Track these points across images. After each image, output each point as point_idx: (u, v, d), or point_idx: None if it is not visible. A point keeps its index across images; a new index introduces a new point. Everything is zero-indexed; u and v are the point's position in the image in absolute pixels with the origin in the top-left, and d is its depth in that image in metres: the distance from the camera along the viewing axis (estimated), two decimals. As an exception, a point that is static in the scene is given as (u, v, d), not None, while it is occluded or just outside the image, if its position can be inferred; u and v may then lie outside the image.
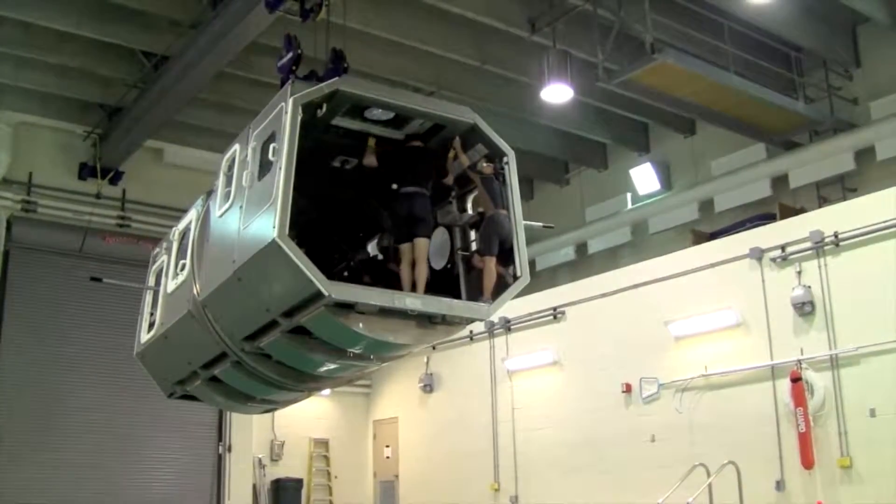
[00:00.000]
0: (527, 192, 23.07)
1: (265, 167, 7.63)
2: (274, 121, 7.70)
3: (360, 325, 7.54)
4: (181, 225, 10.14)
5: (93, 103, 18.41)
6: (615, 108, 18.82)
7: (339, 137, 8.65)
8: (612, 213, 20.90)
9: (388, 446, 22.89)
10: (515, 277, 8.56)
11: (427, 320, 8.03)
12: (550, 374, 18.47)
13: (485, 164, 8.85)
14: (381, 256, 9.92)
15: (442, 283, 8.88)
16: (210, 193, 9.43)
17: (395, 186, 8.74)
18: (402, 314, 7.83)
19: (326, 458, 22.91)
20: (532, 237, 21.41)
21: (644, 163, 20.35)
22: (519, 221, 8.70)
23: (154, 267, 11.01)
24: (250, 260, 7.54)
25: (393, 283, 8.88)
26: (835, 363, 13.70)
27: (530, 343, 18.97)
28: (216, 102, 17.96)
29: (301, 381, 9.26)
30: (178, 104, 16.76)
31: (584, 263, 21.37)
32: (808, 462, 13.63)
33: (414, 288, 8.53)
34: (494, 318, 16.67)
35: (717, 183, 18.59)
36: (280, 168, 7.23)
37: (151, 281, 11.03)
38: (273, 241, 7.03)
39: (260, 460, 21.55)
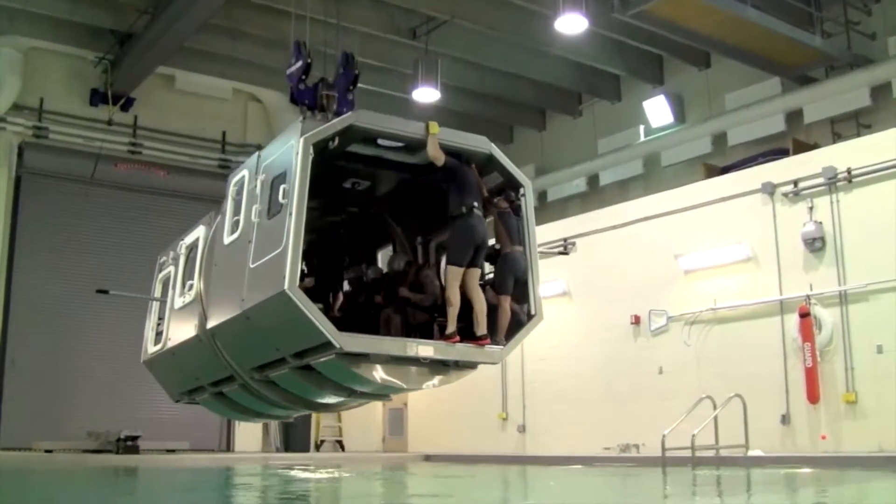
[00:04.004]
0: (539, 123, 23.02)
1: (275, 205, 7.48)
2: (284, 157, 7.55)
3: (372, 372, 7.54)
4: (188, 239, 9.98)
5: (104, 29, 18.29)
6: (630, 39, 18.57)
7: (349, 161, 8.41)
8: (624, 146, 20.80)
9: (397, 374, 23.08)
10: (530, 316, 8.47)
11: (440, 364, 7.97)
12: (560, 305, 18.54)
13: (499, 199, 8.52)
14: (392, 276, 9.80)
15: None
16: (220, 206, 9.26)
17: (471, 203, 8.11)
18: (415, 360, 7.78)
19: (336, 385, 23.12)
20: (543, 168, 21.52)
21: (658, 95, 20.15)
22: (534, 257, 8.60)
23: (160, 275, 10.91)
24: (259, 304, 7.47)
25: (403, 305, 8.83)
26: (843, 299, 13.79)
27: (540, 274, 19.00)
28: (227, 28, 17.83)
29: (309, 407, 9.36)
30: (189, 30, 16.67)
31: (595, 195, 21.32)
32: (813, 397, 13.80)
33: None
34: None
35: (730, 117, 18.45)
36: (291, 214, 7.12)
37: (158, 289, 10.98)
38: (283, 292, 6.97)
39: (270, 388, 21.75)
